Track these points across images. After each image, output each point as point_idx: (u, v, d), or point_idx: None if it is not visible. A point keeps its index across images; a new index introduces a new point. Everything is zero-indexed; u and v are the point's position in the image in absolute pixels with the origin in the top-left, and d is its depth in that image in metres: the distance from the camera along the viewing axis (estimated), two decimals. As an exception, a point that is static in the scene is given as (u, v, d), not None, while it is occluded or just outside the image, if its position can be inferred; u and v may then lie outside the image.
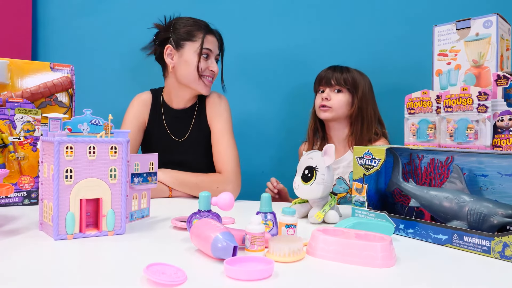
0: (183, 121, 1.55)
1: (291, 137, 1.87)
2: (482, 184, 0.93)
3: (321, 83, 1.56)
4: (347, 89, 1.53)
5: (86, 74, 1.78)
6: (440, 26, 1.14)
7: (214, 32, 1.51)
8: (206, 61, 1.48)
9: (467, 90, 0.98)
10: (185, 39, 1.48)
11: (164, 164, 1.44)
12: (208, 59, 1.49)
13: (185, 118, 1.55)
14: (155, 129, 1.55)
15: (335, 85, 1.53)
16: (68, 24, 1.98)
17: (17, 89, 1.23)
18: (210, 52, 1.48)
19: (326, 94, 1.53)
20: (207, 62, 1.48)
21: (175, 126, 1.55)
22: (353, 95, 1.53)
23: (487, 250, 0.82)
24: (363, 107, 1.53)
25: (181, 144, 1.54)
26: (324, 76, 1.55)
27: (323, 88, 1.56)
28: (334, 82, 1.52)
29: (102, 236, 0.88)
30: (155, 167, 1.05)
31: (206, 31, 1.48)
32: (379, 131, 1.56)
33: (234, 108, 1.62)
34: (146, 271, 0.64)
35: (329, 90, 1.54)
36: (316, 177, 1.06)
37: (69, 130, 0.89)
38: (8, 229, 0.92)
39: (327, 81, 1.54)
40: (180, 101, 1.55)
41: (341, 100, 1.52)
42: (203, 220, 0.82)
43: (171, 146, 1.53)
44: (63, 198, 0.84)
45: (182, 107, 1.56)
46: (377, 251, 0.75)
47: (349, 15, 1.84)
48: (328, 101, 1.52)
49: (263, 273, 0.67)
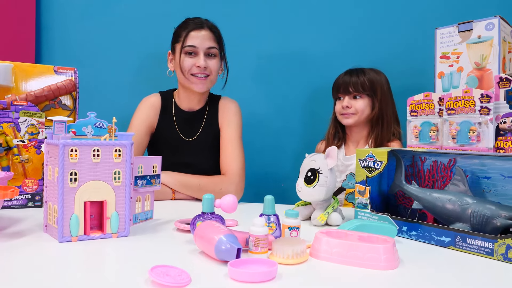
0: (193, 122, 1.55)
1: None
2: (485, 186, 0.93)
3: (339, 91, 1.57)
4: (366, 94, 1.53)
5: (90, 77, 1.78)
6: (442, 28, 1.14)
7: (202, 27, 1.47)
8: (193, 58, 1.46)
9: (470, 93, 0.98)
10: (174, 41, 1.50)
11: (171, 165, 1.44)
12: (196, 56, 1.46)
13: (195, 120, 1.55)
14: (165, 130, 1.54)
15: (353, 92, 1.53)
16: (72, 27, 1.99)
17: (21, 92, 1.24)
18: (195, 48, 1.45)
19: (346, 102, 1.54)
20: (194, 59, 1.46)
21: (185, 127, 1.55)
22: (372, 98, 1.54)
23: (490, 252, 0.82)
24: (383, 109, 1.54)
25: (190, 144, 1.54)
26: (341, 84, 1.55)
27: (342, 96, 1.56)
28: (352, 89, 1.53)
29: (106, 238, 0.88)
30: (158, 169, 1.05)
31: (189, 28, 1.46)
32: (396, 131, 1.57)
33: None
34: (151, 273, 0.64)
35: (348, 98, 1.54)
36: (319, 180, 1.06)
37: (74, 133, 0.90)
38: (13, 231, 0.93)
39: (344, 88, 1.54)
40: (189, 102, 1.55)
41: (361, 105, 1.53)
42: (206, 222, 0.82)
43: (180, 146, 1.54)
44: (67, 201, 0.85)
45: (192, 109, 1.56)
46: (380, 253, 0.75)
47: (351, 18, 1.85)
48: (349, 109, 1.54)
49: (266, 275, 0.67)
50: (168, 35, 1.90)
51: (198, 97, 1.55)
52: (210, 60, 1.48)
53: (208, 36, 1.47)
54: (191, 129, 1.55)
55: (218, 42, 1.50)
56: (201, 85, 1.48)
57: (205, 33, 1.47)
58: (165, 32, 1.91)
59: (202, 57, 1.45)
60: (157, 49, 1.92)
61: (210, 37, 1.48)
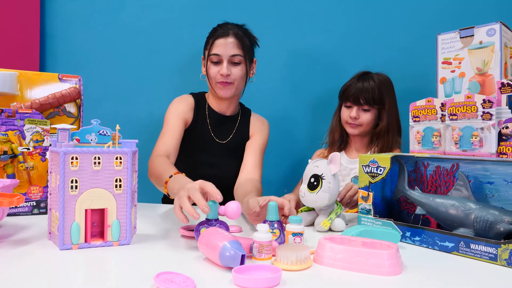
0: (225, 126, 1.58)
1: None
2: (488, 191, 0.93)
3: (349, 99, 1.55)
4: (375, 107, 1.52)
5: (94, 84, 1.80)
6: (444, 34, 1.15)
7: (227, 34, 1.47)
8: (218, 66, 1.48)
9: (472, 98, 0.98)
10: (204, 48, 1.54)
11: (194, 162, 1.50)
12: (220, 64, 1.48)
13: (228, 123, 1.58)
14: (198, 128, 1.56)
15: (364, 104, 1.52)
16: (76, 35, 2.01)
17: (26, 100, 1.25)
18: (218, 57, 1.47)
19: (354, 113, 1.52)
20: (218, 67, 1.48)
21: (216, 129, 1.57)
22: (381, 110, 1.53)
23: (494, 257, 0.82)
24: (389, 121, 1.53)
25: (220, 146, 1.56)
26: (352, 93, 1.53)
27: (351, 105, 1.55)
28: (363, 101, 1.51)
29: (107, 246, 0.88)
30: None
31: (215, 36, 1.48)
32: (397, 141, 1.57)
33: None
34: (156, 279, 0.64)
35: (357, 109, 1.53)
36: (322, 186, 1.06)
37: (77, 141, 0.90)
38: (17, 238, 0.93)
39: (355, 99, 1.52)
40: (220, 106, 1.58)
41: (369, 118, 1.53)
42: (211, 229, 0.82)
43: (210, 147, 1.55)
44: (68, 208, 0.85)
45: (224, 113, 1.58)
46: (384, 259, 0.75)
47: (353, 25, 1.85)
48: (357, 120, 1.53)
49: (270, 281, 0.67)
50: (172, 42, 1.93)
51: (227, 103, 1.57)
52: (234, 67, 1.48)
53: (232, 43, 1.47)
54: (223, 132, 1.57)
55: (244, 48, 1.49)
56: (225, 91, 1.50)
57: (230, 41, 1.47)
58: (169, 39, 1.93)
59: (225, 65, 1.47)
60: (162, 57, 1.93)
61: (235, 44, 1.47)
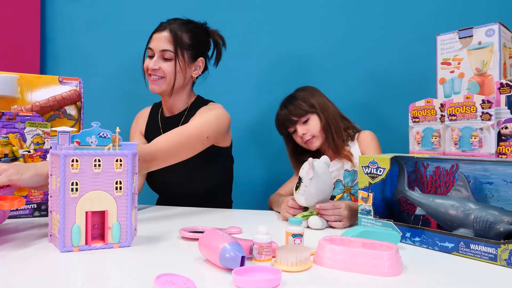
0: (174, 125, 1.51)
1: None
2: (488, 191, 0.93)
3: (285, 126, 1.55)
4: (310, 112, 1.51)
5: (95, 87, 1.80)
6: (443, 35, 1.15)
7: (162, 29, 1.44)
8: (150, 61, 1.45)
9: (471, 98, 0.99)
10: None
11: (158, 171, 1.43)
12: (153, 58, 1.45)
13: (175, 122, 1.53)
14: (151, 136, 1.54)
15: (299, 118, 1.51)
16: (76, 38, 2.02)
17: (27, 102, 1.26)
18: (151, 51, 1.44)
19: (301, 131, 1.51)
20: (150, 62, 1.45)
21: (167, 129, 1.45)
22: (316, 112, 1.52)
23: (494, 257, 0.82)
24: (328, 115, 1.52)
25: None
26: (285, 119, 1.53)
27: (294, 128, 1.54)
28: (295, 117, 1.51)
29: (107, 248, 0.89)
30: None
31: (154, 30, 1.46)
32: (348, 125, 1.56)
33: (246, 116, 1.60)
34: (156, 281, 0.65)
35: (299, 126, 1.52)
36: (300, 188, 1.15)
37: (78, 143, 0.91)
38: (18, 241, 0.94)
39: (289, 121, 1.52)
40: (167, 106, 1.56)
41: (315, 125, 1.51)
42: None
43: None
44: (69, 211, 0.85)
45: (173, 112, 1.56)
46: (384, 259, 0.75)
47: (352, 26, 1.86)
48: (307, 134, 1.51)
49: (271, 282, 0.68)
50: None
51: (171, 101, 1.53)
52: (164, 62, 1.44)
53: (165, 38, 1.43)
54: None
55: (178, 45, 1.43)
56: (154, 86, 1.46)
57: (163, 35, 1.43)
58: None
59: (154, 59, 1.43)
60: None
61: (167, 39, 1.43)
